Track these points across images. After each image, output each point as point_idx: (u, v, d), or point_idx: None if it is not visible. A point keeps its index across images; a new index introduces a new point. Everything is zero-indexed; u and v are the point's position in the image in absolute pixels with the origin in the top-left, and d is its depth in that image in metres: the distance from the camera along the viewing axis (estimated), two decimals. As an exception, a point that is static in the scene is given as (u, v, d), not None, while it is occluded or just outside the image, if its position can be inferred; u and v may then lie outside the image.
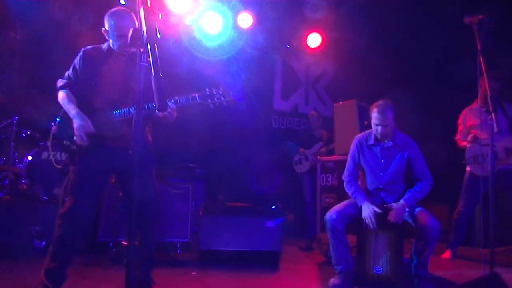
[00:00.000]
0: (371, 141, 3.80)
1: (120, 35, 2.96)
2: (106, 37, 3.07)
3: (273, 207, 4.58)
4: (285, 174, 7.23)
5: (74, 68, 3.11)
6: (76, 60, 3.11)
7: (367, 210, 3.55)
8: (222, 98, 2.97)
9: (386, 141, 3.76)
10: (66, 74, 3.13)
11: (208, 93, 2.95)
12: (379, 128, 3.66)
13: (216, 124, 7.24)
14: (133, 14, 2.97)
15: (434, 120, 6.52)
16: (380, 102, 3.71)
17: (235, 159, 7.36)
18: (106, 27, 3.02)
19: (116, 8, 3.06)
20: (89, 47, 3.14)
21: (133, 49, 3.02)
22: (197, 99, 2.94)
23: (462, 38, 3.45)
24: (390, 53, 7.11)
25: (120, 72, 3.05)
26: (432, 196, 3.79)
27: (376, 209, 3.55)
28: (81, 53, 3.11)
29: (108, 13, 3.02)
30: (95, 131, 2.96)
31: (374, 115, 3.67)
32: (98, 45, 3.15)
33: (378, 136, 3.75)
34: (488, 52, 3.14)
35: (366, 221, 3.53)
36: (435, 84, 6.88)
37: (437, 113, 6.54)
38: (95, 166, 2.96)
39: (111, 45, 3.08)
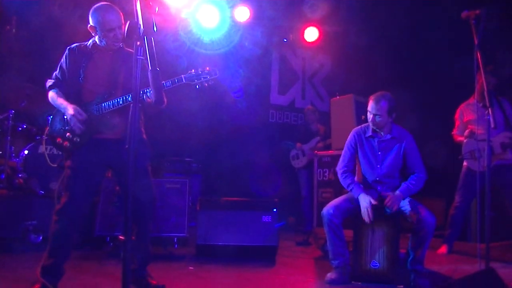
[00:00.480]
0: (369, 133, 3.81)
1: (108, 29, 2.95)
2: (93, 34, 3.05)
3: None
4: (284, 173, 7.23)
5: (61, 67, 3.12)
6: (62, 59, 3.12)
7: (364, 202, 3.55)
8: (208, 76, 2.95)
9: (383, 134, 3.77)
10: (54, 74, 3.15)
11: (193, 73, 2.94)
12: (371, 116, 3.68)
13: (213, 118, 7.23)
14: (117, 8, 2.97)
15: (431, 116, 6.53)
16: (379, 92, 3.74)
17: (232, 153, 7.36)
18: (92, 23, 3.00)
19: (101, 3, 3.03)
20: (73, 45, 3.14)
21: (120, 44, 3.03)
22: (183, 80, 2.93)
23: (462, 34, 3.45)
24: (388, 48, 7.12)
25: (106, 66, 3.06)
26: (429, 191, 3.80)
27: (372, 201, 3.55)
28: (66, 51, 3.12)
29: (92, 8, 2.99)
30: (86, 125, 2.96)
31: (370, 103, 3.72)
32: (83, 43, 3.15)
33: (371, 125, 3.76)
34: (489, 50, 3.16)
35: (363, 212, 3.53)
36: (433, 80, 6.89)
37: (435, 110, 6.55)
38: (89, 160, 2.96)
39: (96, 41, 3.06)
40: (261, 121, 8.08)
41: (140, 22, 2.05)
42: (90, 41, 3.12)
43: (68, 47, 3.13)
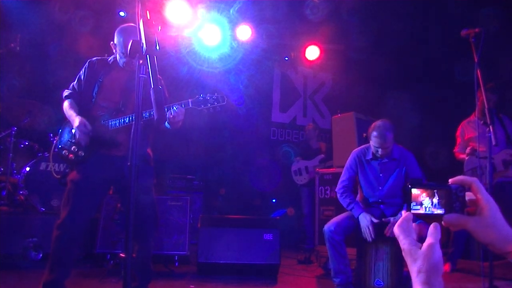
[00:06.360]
0: (369, 156, 3.80)
1: (126, 53, 2.99)
2: (114, 51, 3.14)
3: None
4: (287, 190, 7.21)
5: (79, 79, 3.19)
6: (81, 71, 3.19)
7: (364, 221, 3.53)
8: (215, 103, 2.95)
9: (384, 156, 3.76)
10: (71, 85, 3.21)
11: (201, 98, 2.95)
12: (380, 150, 3.66)
13: (215, 136, 7.26)
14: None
15: (432, 135, 6.54)
16: (379, 123, 3.66)
17: (233, 171, 7.39)
18: (115, 42, 3.09)
19: (127, 24, 3.12)
20: (94, 58, 3.22)
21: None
22: (190, 105, 2.94)
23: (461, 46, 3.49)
24: (389, 65, 7.15)
25: (120, 84, 3.11)
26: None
27: (374, 219, 3.54)
28: (86, 64, 3.19)
29: (118, 28, 3.10)
30: (92, 140, 2.99)
31: (374, 138, 3.65)
32: (104, 57, 3.23)
33: (378, 156, 3.74)
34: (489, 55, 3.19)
35: (364, 231, 3.52)
36: (435, 93, 6.90)
37: (435, 128, 6.56)
38: (93, 175, 2.97)
39: (117, 59, 3.14)
40: (262, 138, 8.10)
41: (143, 40, 2.08)
42: (112, 57, 3.19)
43: (89, 60, 3.19)
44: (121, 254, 4.34)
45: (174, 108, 2.88)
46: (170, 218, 4.63)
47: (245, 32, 7.21)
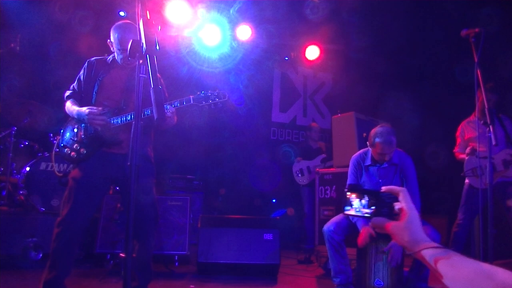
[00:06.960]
0: (368, 162, 3.78)
1: (123, 49, 3.01)
2: (111, 49, 3.15)
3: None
4: (287, 190, 7.21)
5: (78, 79, 3.22)
6: (81, 72, 3.22)
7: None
8: (217, 99, 2.96)
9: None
10: (72, 86, 3.23)
11: (202, 95, 2.95)
12: (386, 156, 3.65)
13: (215, 136, 7.26)
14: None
15: (432, 135, 6.54)
16: (381, 129, 3.63)
17: (233, 171, 7.39)
18: (111, 39, 3.09)
19: (122, 21, 3.11)
20: (93, 58, 3.23)
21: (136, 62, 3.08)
22: (191, 101, 2.95)
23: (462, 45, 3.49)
24: (389, 65, 7.16)
25: (121, 82, 3.12)
26: (432, 208, 3.77)
27: (372, 233, 3.51)
28: (85, 64, 3.21)
29: (114, 25, 3.10)
30: (94, 137, 2.99)
31: (379, 145, 3.60)
32: (102, 57, 3.24)
33: (382, 161, 3.72)
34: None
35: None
36: (435, 93, 6.91)
37: (435, 128, 6.56)
38: (94, 173, 2.98)
39: (116, 57, 3.14)
40: (262, 139, 8.10)
41: (143, 40, 2.08)
42: (111, 56, 3.21)
43: (88, 60, 3.21)
44: (121, 254, 4.35)
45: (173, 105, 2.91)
46: (170, 218, 4.64)
47: (245, 32, 7.21)
